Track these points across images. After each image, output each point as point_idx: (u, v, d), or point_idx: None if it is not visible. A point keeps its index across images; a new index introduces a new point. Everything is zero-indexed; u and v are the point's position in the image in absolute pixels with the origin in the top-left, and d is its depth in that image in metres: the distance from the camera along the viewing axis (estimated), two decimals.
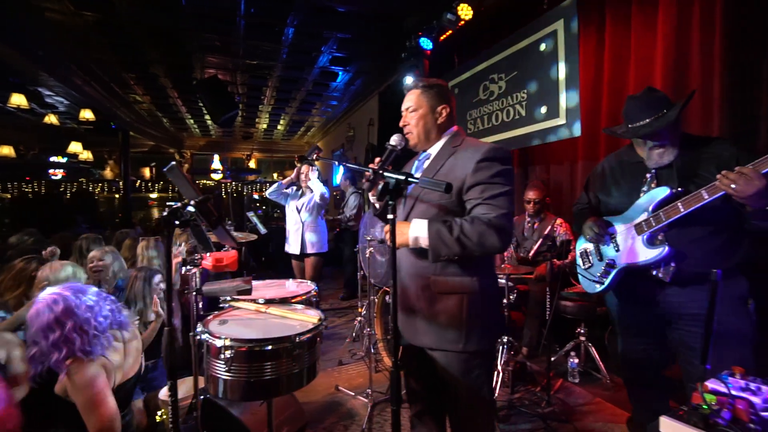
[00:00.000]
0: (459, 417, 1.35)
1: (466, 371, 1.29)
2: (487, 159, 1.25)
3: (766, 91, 2.07)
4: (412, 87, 1.45)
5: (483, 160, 1.24)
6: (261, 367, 1.17)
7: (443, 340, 1.28)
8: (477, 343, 1.27)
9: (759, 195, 1.24)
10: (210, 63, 6.29)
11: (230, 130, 11.33)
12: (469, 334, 1.26)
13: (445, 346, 1.28)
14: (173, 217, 1.06)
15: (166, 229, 1.09)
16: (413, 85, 1.45)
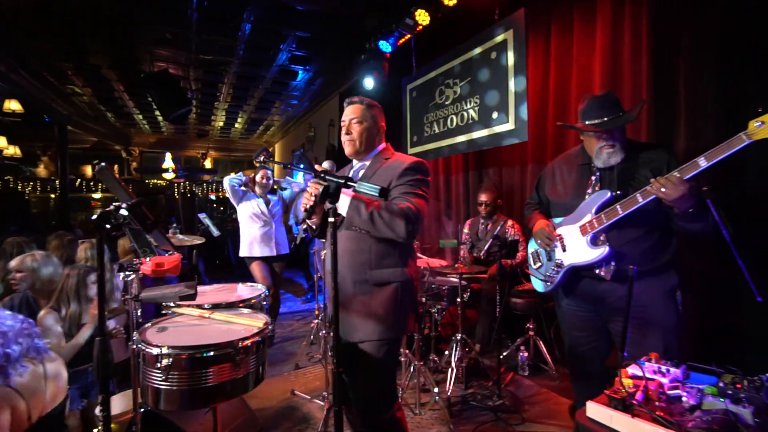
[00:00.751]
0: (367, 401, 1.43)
1: (383, 353, 1.40)
2: (411, 169, 1.46)
3: (683, 102, 2.29)
4: (356, 102, 1.58)
5: (408, 169, 1.45)
6: (202, 374, 1.13)
7: (378, 329, 1.38)
8: (406, 328, 1.44)
9: (683, 198, 1.36)
10: (160, 56, 5.95)
11: (183, 128, 10.78)
12: (401, 319, 1.41)
13: (379, 335, 1.38)
14: (104, 220, 1.00)
15: (98, 234, 1.02)
16: (358, 101, 1.59)
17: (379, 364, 1.40)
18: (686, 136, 2.28)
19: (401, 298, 1.41)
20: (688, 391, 1.12)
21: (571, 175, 1.80)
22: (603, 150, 1.63)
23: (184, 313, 1.46)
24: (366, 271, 1.41)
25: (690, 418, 1.00)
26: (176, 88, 5.82)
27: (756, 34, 1.97)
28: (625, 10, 2.59)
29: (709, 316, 2.14)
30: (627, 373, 1.24)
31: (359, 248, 1.42)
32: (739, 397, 1.03)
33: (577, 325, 1.81)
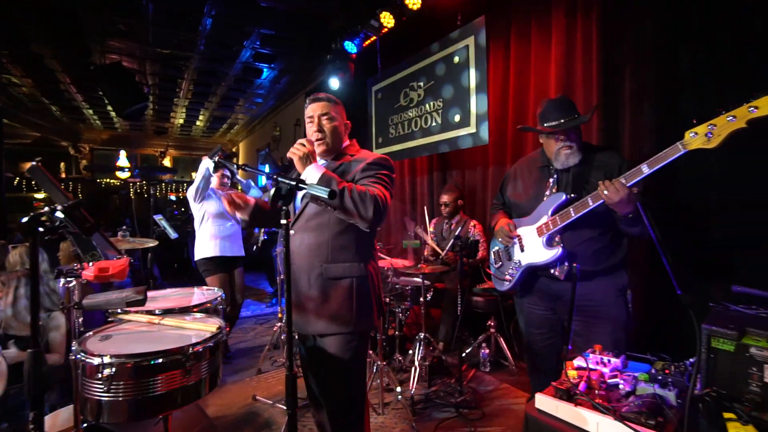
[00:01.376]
0: (333, 398, 1.43)
1: (350, 350, 1.40)
2: (376, 164, 1.45)
3: (627, 110, 2.46)
4: (322, 99, 1.53)
5: (372, 164, 1.44)
6: (149, 382, 1.08)
7: (333, 324, 1.38)
8: (365, 323, 1.43)
9: (623, 203, 1.43)
10: (112, 48, 5.61)
11: (140, 124, 10.22)
12: (359, 314, 1.40)
13: (335, 330, 1.38)
14: (35, 223, 0.93)
15: (30, 238, 0.95)
16: (324, 97, 1.54)
17: (341, 360, 1.39)
18: (630, 136, 2.45)
19: (357, 293, 1.41)
20: (624, 378, 1.20)
21: (531, 177, 1.86)
22: (561, 151, 1.70)
23: (132, 320, 1.38)
24: (322, 264, 1.41)
25: (625, 404, 1.08)
26: (131, 82, 5.50)
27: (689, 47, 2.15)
28: (578, 21, 2.75)
29: (650, 310, 2.31)
30: (573, 365, 1.31)
31: (317, 242, 1.42)
32: (666, 382, 1.12)
33: (534, 322, 1.88)
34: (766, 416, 0.83)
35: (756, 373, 0.85)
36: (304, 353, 1.55)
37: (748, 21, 1.89)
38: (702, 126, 1.26)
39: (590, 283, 1.67)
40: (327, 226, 1.42)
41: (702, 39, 2.07)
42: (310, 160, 1.35)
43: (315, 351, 1.45)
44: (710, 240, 2.06)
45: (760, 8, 1.85)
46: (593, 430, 1.05)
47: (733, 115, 1.19)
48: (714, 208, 2.05)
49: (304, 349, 1.57)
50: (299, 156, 1.34)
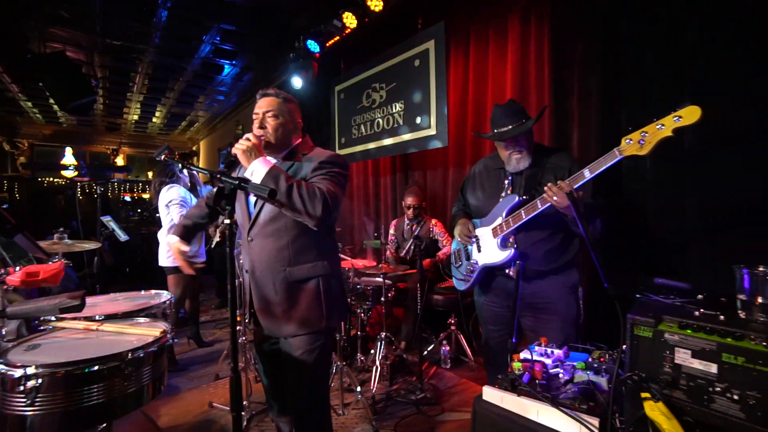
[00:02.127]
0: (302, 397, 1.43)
1: (317, 350, 1.41)
2: (328, 162, 1.42)
3: (576, 114, 2.61)
4: (271, 95, 1.50)
5: (324, 162, 1.41)
6: (83, 392, 1.01)
7: (304, 325, 1.38)
8: (335, 320, 1.44)
9: (568, 207, 1.49)
10: (54, 36, 5.22)
11: (89, 120, 9.57)
12: (329, 311, 1.41)
13: (306, 330, 1.38)
14: None
15: None
16: (273, 93, 1.51)
17: (307, 360, 1.38)
18: (579, 139, 2.60)
19: (323, 292, 1.40)
20: (565, 368, 1.28)
21: (488, 179, 1.91)
22: (512, 156, 1.76)
23: (67, 327, 1.29)
24: (285, 268, 1.39)
25: (563, 391, 1.15)
26: (77, 74, 5.13)
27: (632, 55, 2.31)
28: (531, 29, 2.88)
29: (600, 305, 2.47)
30: (519, 357, 1.38)
31: (277, 246, 1.39)
32: (600, 369, 1.20)
33: (491, 319, 1.93)
34: (675, 393, 0.92)
35: (669, 355, 0.93)
36: (266, 355, 1.52)
37: (681, 33, 2.07)
38: (636, 133, 1.35)
39: (542, 282, 1.74)
40: (285, 230, 1.39)
41: (642, 48, 2.23)
42: (255, 154, 1.31)
43: (280, 352, 1.43)
44: (641, 239, 2.24)
45: (693, 21, 2.03)
46: (534, 417, 1.11)
47: (661, 123, 1.29)
48: (648, 211, 2.23)
49: (263, 352, 1.54)
50: (243, 150, 1.30)
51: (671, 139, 1.30)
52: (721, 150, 1.91)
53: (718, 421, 0.86)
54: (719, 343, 0.87)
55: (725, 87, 1.90)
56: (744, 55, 1.84)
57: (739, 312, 0.96)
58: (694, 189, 2.02)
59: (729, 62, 1.90)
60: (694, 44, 2.01)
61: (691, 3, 2.02)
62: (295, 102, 1.56)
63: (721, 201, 1.93)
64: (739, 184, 1.87)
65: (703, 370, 0.88)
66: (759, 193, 1.81)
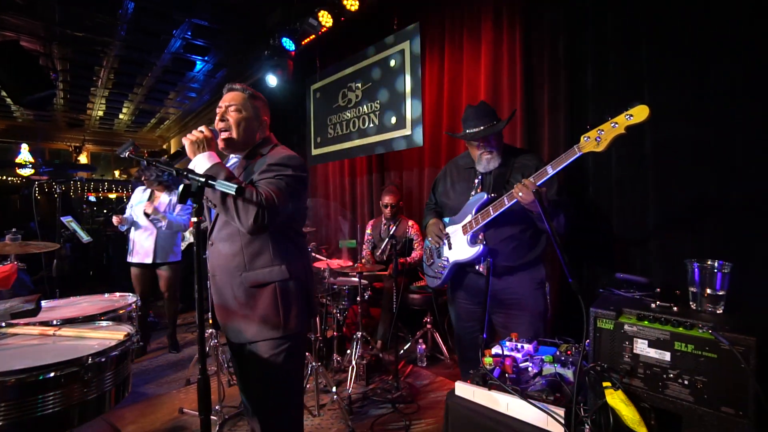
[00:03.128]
0: (266, 406, 1.39)
1: (282, 355, 1.36)
2: (280, 164, 1.33)
3: (546, 116, 2.70)
4: (237, 89, 1.46)
5: (275, 164, 1.33)
6: (37, 401, 0.96)
7: (264, 330, 1.34)
8: (294, 326, 1.38)
9: (533, 203, 1.54)
10: (7, 24, 4.89)
11: (48, 115, 9.05)
12: (286, 318, 1.36)
13: (266, 335, 1.34)
14: None
15: None
16: (240, 88, 1.46)
17: (272, 365, 1.35)
18: (548, 141, 2.69)
19: (282, 297, 1.36)
20: (534, 362, 1.32)
21: (459, 178, 1.96)
22: (482, 156, 1.81)
23: (20, 333, 1.21)
24: (241, 273, 1.35)
25: (532, 384, 1.18)
26: (33, 66, 4.84)
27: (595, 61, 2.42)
28: (504, 34, 2.95)
29: (566, 300, 2.56)
30: (491, 353, 1.41)
31: (232, 251, 1.36)
32: (566, 361, 1.25)
33: (463, 316, 1.97)
34: (633, 381, 0.97)
35: (628, 346, 0.98)
36: (235, 357, 1.48)
37: (636, 45, 2.19)
38: (593, 131, 1.42)
39: (511, 278, 1.80)
40: (238, 234, 1.35)
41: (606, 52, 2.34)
42: (203, 148, 1.25)
43: (245, 357, 1.39)
44: (604, 236, 2.35)
45: (645, 36, 2.15)
46: (504, 410, 1.14)
47: (615, 121, 1.36)
48: (611, 209, 2.33)
49: (233, 354, 1.50)
50: (192, 140, 1.25)
51: (627, 138, 1.38)
52: (677, 152, 2.03)
53: (670, 405, 0.92)
54: (672, 333, 0.92)
55: (680, 89, 2.03)
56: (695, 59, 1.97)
57: (691, 303, 1.02)
58: (654, 189, 2.13)
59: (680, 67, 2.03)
60: (649, 48, 2.14)
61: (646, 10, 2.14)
62: (262, 99, 1.51)
63: (677, 200, 2.05)
64: (693, 184, 2.00)
65: (658, 358, 0.93)
66: (711, 193, 1.94)
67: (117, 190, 11.05)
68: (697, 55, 1.96)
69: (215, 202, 1.22)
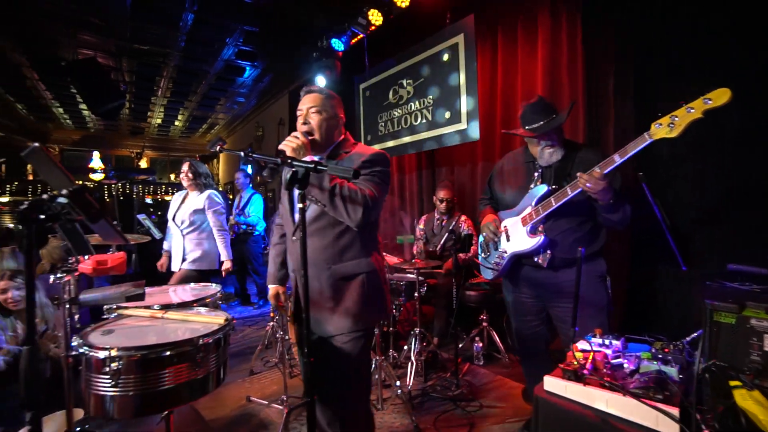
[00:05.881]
0: (344, 396, 1.41)
1: (360, 348, 1.39)
2: (370, 161, 1.40)
3: (611, 107, 2.55)
4: (315, 91, 1.49)
5: (366, 161, 1.39)
6: (157, 376, 1.04)
7: (346, 322, 1.36)
8: (374, 319, 1.43)
9: (603, 191, 1.52)
10: (85, 42, 5.38)
11: (115, 124, 9.85)
12: (370, 310, 1.40)
13: (348, 328, 1.36)
14: (35, 210, 0.88)
15: (26, 227, 0.90)
16: (317, 90, 1.50)
17: (353, 357, 1.37)
18: (615, 133, 2.54)
19: (368, 288, 1.39)
20: (628, 358, 1.25)
21: (517, 172, 1.94)
22: (545, 150, 1.79)
23: (132, 315, 1.33)
24: (330, 266, 1.38)
25: (631, 381, 1.12)
26: (106, 79, 5.30)
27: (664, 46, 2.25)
28: (562, 21, 2.83)
29: (629, 295, 2.42)
30: (577, 348, 1.35)
31: (322, 244, 1.39)
32: (667, 359, 1.17)
33: (521, 310, 1.95)
34: (765, 382, 0.88)
35: (757, 343, 0.90)
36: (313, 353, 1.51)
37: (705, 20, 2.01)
38: (666, 117, 1.36)
39: (570, 271, 1.74)
40: (329, 228, 1.39)
41: (675, 39, 2.17)
42: (304, 153, 1.30)
43: (326, 350, 1.41)
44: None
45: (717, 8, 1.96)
46: (602, 407, 1.08)
47: (691, 106, 1.29)
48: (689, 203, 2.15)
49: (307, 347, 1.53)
50: (293, 148, 1.29)
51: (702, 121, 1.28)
52: None
53: None
54: None
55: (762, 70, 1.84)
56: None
57: None
58: None
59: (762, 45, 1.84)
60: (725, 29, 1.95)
61: None
62: (338, 98, 1.55)
63: None
64: None
65: None
66: None
67: (172, 192, 11.81)
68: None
69: (323, 201, 1.28)
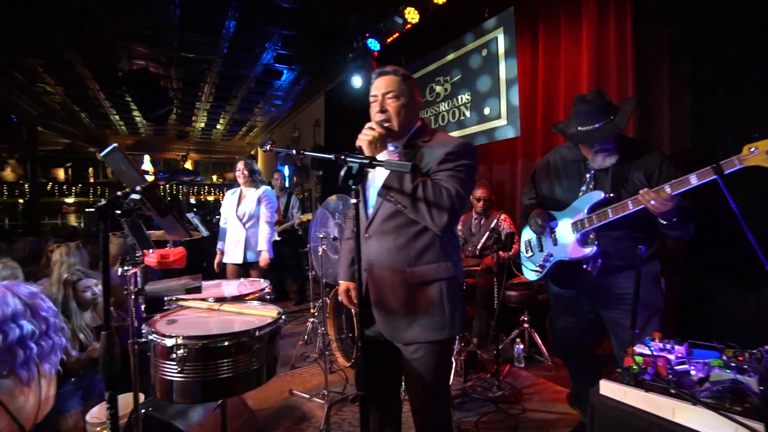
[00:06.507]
0: (425, 407, 1.31)
1: (443, 358, 1.29)
2: (454, 153, 1.24)
3: (665, 104, 2.37)
4: (389, 73, 1.33)
5: (450, 153, 1.24)
6: (216, 365, 1.09)
7: (428, 331, 1.24)
8: (459, 329, 1.29)
9: (669, 212, 1.43)
10: (138, 53, 5.77)
11: (162, 129, 10.49)
12: (452, 320, 1.26)
13: (430, 337, 1.24)
14: (113, 207, 0.95)
15: (102, 222, 0.97)
16: (392, 71, 1.33)
17: (427, 370, 1.26)
18: (669, 133, 2.36)
19: (447, 297, 1.25)
20: (694, 365, 1.16)
21: (565, 170, 1.83)
22: (597, 155, 1.68)
23: (191, 306, 1.41)
24: (405, 269, 1.25)
25: (701, 390, 1.04)
26: (157, 86, 5.67)
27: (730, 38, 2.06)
28: (610, 11, 2.68)
29: (687, 298, 2.25)
30: (635, 351, 1.28)
31: (397, 245, 1.26)
32: (744, 368, 1.07)
33: (568, 311, 1.87)
34: None
35: None
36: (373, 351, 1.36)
37: None
38: (764, 142, 1.20)
39: (623, 275, 1.65)
40: (404, 227, 1.26)
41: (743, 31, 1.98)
42: (380, 147, 1.19)
43: (405, 357, 1.30)
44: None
45: None
46: (668, 415, 1.02)
47: None
48: None
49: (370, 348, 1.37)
50: (368, 141, 1.18)
51: None
52: None
53: None
54: None
55: None
56: None
57: None
58: None
59: None
60: None
61: None
62: (413, 78, 1.38)
63: None
64: None
65: None
66: None
67: (214, 192, 12.42)
68: None
69: (404, 204, 1.16)
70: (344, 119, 5.89)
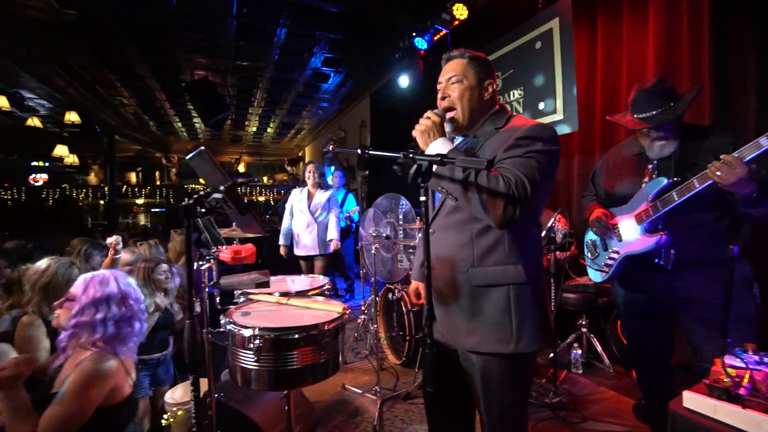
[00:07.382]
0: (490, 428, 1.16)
1: (512, 377, 1.12)
2: (527, 137, 1.07)
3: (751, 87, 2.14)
4: (455, 56, 1.23)
5: (521, 138, 1.08)
6: (287, 356, 1.16)
7: (490, 341, 1.10)
8: (529, 344, 1.10)
9: (741, 183, 1.25)
10: (199, 64, 6.21)
11: (218, 134, 11.20)
12: (519, 332, 1.09)
13: (493, 348, 1.10)
14: (198, 204, 1.04)
15: (186, 219, 1.06)
16: (458, 54, 1.23)
17: (493, 383, 1.11)
18: (756, 122, 2.13)
19: (515, 304, 1.09)
20: None
21: (626, 165, 1.74)
22: (654, 143, 1.59)
23: (262, 300, 1.50)
24: (467, 269, 1.13)
25: None
26: (215, 94, 6.06)
27: None
28: None
29: None
30: (725, 363, 1.17)
31: (459, 242, 1.15)
32: None
33: (639, 316, 1.74)
34: None
35: None
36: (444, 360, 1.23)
37: None
38: None
39: (702, 273, 1.50)
40: (469, 222, 1.13)
41: None
42: (434, 136, 1.09)
43: (465, 364, 1.19)
44: None
45: None
46: None
47: None
48: None
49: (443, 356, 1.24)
50: (421, 131, 1.10)
51: None
52: None
53: None
54: None
55: None
56: None
57: None
58: None
59: None
60: None
61: None
62: (486, 60, 1.24)
63: None
64: None
65: None
66: None
67: (265, 193, 13.05)
68: None
69: (456, 194, 1.06)
70: (390, 119, 5.93)
